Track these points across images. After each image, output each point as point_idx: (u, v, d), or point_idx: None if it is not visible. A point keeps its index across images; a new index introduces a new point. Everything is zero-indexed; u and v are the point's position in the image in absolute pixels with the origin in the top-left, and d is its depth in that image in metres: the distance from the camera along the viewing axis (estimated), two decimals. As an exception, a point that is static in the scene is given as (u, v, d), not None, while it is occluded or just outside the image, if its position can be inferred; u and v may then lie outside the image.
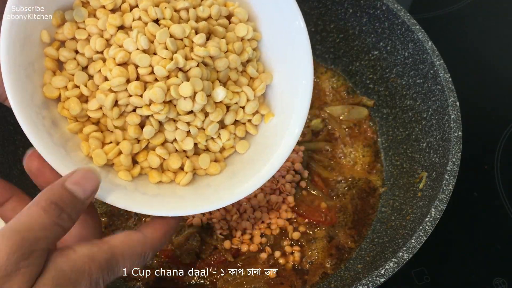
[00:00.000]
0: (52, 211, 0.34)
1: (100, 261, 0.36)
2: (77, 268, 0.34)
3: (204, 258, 0.58)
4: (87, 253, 0.35)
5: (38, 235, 0.33)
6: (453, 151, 0.54)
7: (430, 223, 0.50)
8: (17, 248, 0.31)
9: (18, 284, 0.31)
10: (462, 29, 0.87)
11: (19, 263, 0.31)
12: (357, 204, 0.64)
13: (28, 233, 0.32)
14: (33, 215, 0.34)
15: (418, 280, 0.62)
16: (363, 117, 0.71)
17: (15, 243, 0.31)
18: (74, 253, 0.35)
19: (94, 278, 0.35)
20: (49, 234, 0.34)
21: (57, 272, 0.33)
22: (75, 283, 0.34)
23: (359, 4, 0.68)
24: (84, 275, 0.34)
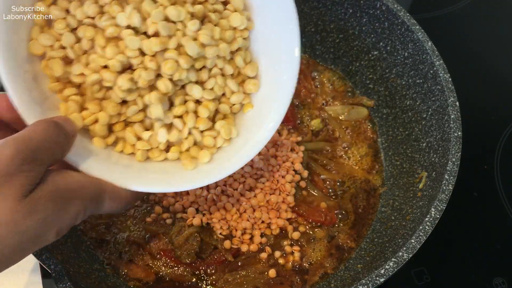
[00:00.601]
0: (52, 129, 0.38)
1: (91, 190, 0.40)
2: (72, 189, 0.38)
3: (204, 258, 0.58)
4: (82, 180, 0.39)
5: (40, 146, 0.36)
6: (453, 151, 0.54)
7: (430, 223, 0.50)
8: (21, 153, 0.34)
9: (18, 185, 0.34)
10: (462, 29, 0.87)
11: (22, 166, 0.34)
12: (357, 204, 0.64)
13: (30, 143, 0.36)
14: (36, 129, 0.37)
15: (418, 280, 0.62)
16: (363, 117, 0.71)
17: (19, 149, 0.35)
18: (70, 176, 0.39)
19: (83, 203, 0.39)
20: (49, 148, 0.37)
21: (53, 187, 0.36)
22: (67, 201, 0.37)
23: (359, 4, 0.68)
24: (76, 197, 0.38)
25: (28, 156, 0.35)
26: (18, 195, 0.34)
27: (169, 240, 0.58)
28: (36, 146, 0.36)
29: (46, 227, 0.36)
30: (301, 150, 0.66)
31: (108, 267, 0.57)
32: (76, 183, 0.39)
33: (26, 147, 0.35)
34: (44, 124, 0.38)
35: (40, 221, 0.35)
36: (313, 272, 0.58)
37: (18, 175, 0.34)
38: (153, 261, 0.58)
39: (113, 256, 0.58)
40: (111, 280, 0.56)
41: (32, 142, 0.36)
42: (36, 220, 0.35)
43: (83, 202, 0.39)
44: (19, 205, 0.34)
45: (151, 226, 0.60)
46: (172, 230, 0.59)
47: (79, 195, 0.38)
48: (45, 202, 0.35)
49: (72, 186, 0.38)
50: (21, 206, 0.34)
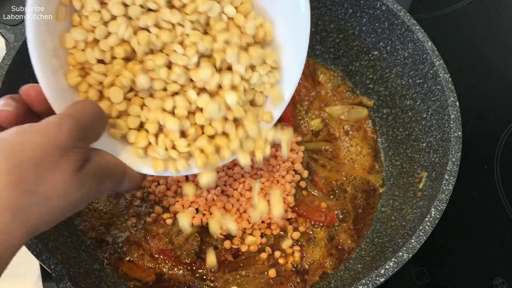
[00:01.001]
0: (97, 109, 0.41)
1: (119, 171, 0.44)
2: (108, 169, 0.42)
3: (204, 258, 0.58)
4: (114, 161, 0.43)
5: (90, 125, 0.39)
6: (453, 151, 0.54)
7: (430, 223, 0.50)
8: (77, 130, 0.37)
9: (73, 160, 0.37)
10: (462, 29, 0.87)
11: (76, 142, 0.37)
12: (357, 204, 0.64)
13: (83, 121, 0.38)
14: (85, 108, 0.40)
15: (418, 280, 0.62)
16: (363, 117, 0.71)
17: (75, 125, 0.37)
18: (107, 156, 0.42)
19: (113, 182, 0.43)
20: (96, 127, 0.40)
21: (98, 165, 0.40)
22: (104, 179, 0.41)
23: (359, 4, 0.68)
24: (110, 176, 0.42)
25: (81, 133, 0.37)
26: (73, 170, 0.37)
27: (169, 240, 0.58)
28: (87, 124, 0.39)
29: (86, 200, 0.40)
30: (301, 150, 0.66)
31: (108, 267, 0.57)
32: (111, 164, 0.43)
33: (81, 125, 0.37)
34: (90, 104, 0.41)
35: (84, 195, 0.38)
36: (313, 272, 0.58)
37: (73, 151, 0.36)
38: (153, 261, 0.58)
39: (113, 256, 0.58)
40: (111, 280, 0.56)
41: (84, 120, 0.38)
42: (81, 194, 0.38)
43: (113, 181, 0.43)
44: (73, 179, 0.37)
45: (151, 226, 0.60)
46: (172, 230, 0.59)
47: (112, 175, 0.43)
48: (91, 178, 0.39)
49: (109, 166, 0.42)
50: (73, 181, 0.37)
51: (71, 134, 0.36)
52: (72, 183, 0.37)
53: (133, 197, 0.62)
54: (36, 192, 0.35)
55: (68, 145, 0.36)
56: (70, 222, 0.60)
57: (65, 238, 0.56)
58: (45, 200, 0.35)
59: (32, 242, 0.48)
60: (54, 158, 0.35)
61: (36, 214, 0.35)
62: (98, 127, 0.41)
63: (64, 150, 0.36)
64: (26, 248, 0.48)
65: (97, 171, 0.40)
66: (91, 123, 0.39)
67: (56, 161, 0.35)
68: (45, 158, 0.35)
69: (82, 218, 0.61)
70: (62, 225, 0.57)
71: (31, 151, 0.35)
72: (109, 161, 0.42)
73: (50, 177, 0.35)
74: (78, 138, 0.37)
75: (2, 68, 0.56)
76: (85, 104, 0.40)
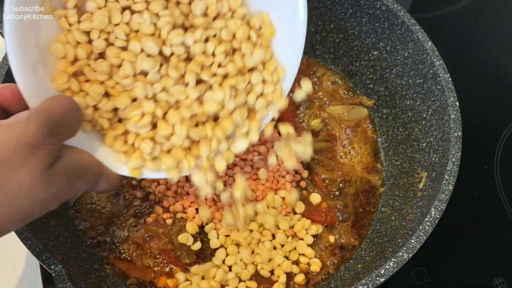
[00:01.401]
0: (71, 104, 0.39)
1: (95, 171, 0.42)
2: (82, 168, 0.40)
3: (204, 258, 0.58)
4: (90, 160, 0.42)
5: (61, 121, 0.37)
6: (453, 151, 0.54)
7: (430, 223, 0.50)
8: (46, 126, 0.35)
9: (42, 157, 0.35)
10: (462, 29, 0.87)
11: (45, 139, 0.35)
12: (357, 204, 0.64)
13: (54, 116, 0.36)
14: (57, 103, 0.38)
15: (418, 280, 0.62)
16: (363, 117, 0.71)
17: (44, 121, 0.35)
18: (81, 154, 0.41)
19: (87, 181, 0.41)
20: (69, 124, 0.39)
21: (69, 163, 0.38)
22: (77, 178, 0.39)
23: (359, 4, 0.68)
24: (84, 175, 0.41)
25: (51, 130, 0.36)
26: (41, 168, 0.35)
27: (169, 240, 0.58)
28: (58, 120, 0.37)
29: (57, 199, 0.38)
30: (301, 150, 0.66)
31: (107, 267, 0.57)
32: (86, 163, 0.41)
33: (50, 121, 0.36)
34: (64, 99, 0.39)
35: (54, 194, 0.37)
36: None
37: (42, 148, 0.35)
38: (153, 261, 0.58)
39: (113, 256, 0.58)
40: (111, 280, 0.56)
41: (55, 116, 0.37)
42: (51, 193, 0.37)
43: (87, 180, 0.41)
44: (41, 177, 0.35)
45: (151, 226, 0.60)
46: (172, 230, 0.59)
47: (86, 174, 0.41)
48: (61, 177, 0.37)
49: (83, 164, 0.41)
50: (42, 179, 0.35)
51: (40, 130, 0.35)
52: (40, 181, 0.35)
53: (133, 197, 0.62)
54: (1, 191, 0.34)
55: (36, 142, 0.35)
56: (70, 222, 0.60)
57: (65, 238, 0.56)
58: (11, 199, 0.34)
59: (32, 242, 0.48)
60: (21, 156, 0.34)
61: (2, 214, 0.34)
62: (71, 122, 0.39)
63: (31, 147, 0.35)
64: (26, 248, 0.48)
65: (69, 169, 0.38)
66: (64, 118, 0.38)
67: (23, 158, 0.34)
68: (11, 155, 0.34)
69: (82, 217, 0.61)
70: (62, 225, 0.57)
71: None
72: (84, 160, 0.41)
73: (17, 175, 0.34)
74: (47, 134, 0.35)
75: (2, 68, 0.56)
76: (58, 99, 0.38)
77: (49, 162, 0.36)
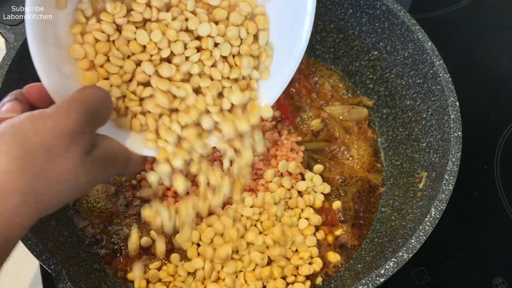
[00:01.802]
0: (104, 94, 0.41)
1: (124, 157, 0.44)
2: (114, 155, 0.43)
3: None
4: (120, 147, 0.44)
5: (97, 110, 0.39)
6: (453, 151, 0.54)
7: (430, 223, 0.50)
8: (85, 115, 0.37)
9: (82, 145, 0.37)
10: (462, 29, 0.87)
11: (85, 128, 0.38)
12: (357, 204, 0.64)
13: (91, 106, 0.39)
14: (92, 94, 0.40)
15: (418, 280, 0.62)
16: (363, 117, 0.71)
17: (83, 111, 0.37)
18: (113, 142, 0.43)
19: (118, 167, 0.44)
20: (102, 113, 0.41)
21: (104, 151, 0.41)
22: (109, 165, 0.42)
23: (359, 4, 0.68)
24: (115, 162, 0.43)
25: (89, 118, 0.38)
26: (81, 155, 0.37)
27: (168, 240, 0.58)
28: (94, 109, 0.39)
29: (92, 183, 0.41)
30: (301, 150, 0.66)
31: (108, 267, 0.57)
32: (117, 150, 0.43)
33: (88, 110, 0.38)
34: (96, 89, 0.41)
35: (90, 179, 0.39)
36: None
37: (82, 136, 0.37)
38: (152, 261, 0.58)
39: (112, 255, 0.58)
40: (111, 280, 0.56)
41: (91, 105, 0.39)
42: (89, 178, 0.39)
43: (118, 165, 0.44)
44: (81, 164, 0.38)
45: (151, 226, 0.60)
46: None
47: (117, 159, 0.43)
48: (97, 164, 0.39)
49: (114, 152, 0.43)
50: (81, 165, 0.38)
51: (80, 119, 0.37)
52: (80, 167, 0.38)
53: (133, 197, 0.62)
54: (46, 176, 0.36)
55: (77, 131, 0.37)
56: (70, 222, 0.60)
57: (65, 238, 0.56)
58: (54, 184, 0.37)
59: (32, 242, 0.48)
60: (64, 144, 0.36)
61: (45, 197, 0.36)
62: (104, 112, 0.41)
63: (73, 136, 0.37)
64: (26, 248, 0.48)
65: (103, 156, 0.41)
66: (98, 108, 0.40)
67: (65, 146, 0.36)
68: (55, 143, 0.36)
69: (81, 216, 0.61)
70: (62, 225, 0.57)
71: (42, 137, 0.35)
72: (114, 147, 0.43)
73: (60, 162, 0.36)
74: (86, 123, 0.38)
75: (2, 68, 0.56)
76: (91, 89, 0.41)
77: (87, 150, 0.38)
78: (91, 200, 0.62)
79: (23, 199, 0.35)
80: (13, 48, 0.58)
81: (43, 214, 0.38)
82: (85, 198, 0.62)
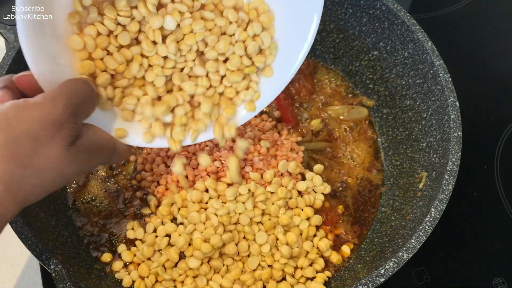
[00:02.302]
0: (89, 86, 0.41)
1: (110, 146, 0.45)
2: (100, 144, 0.43)
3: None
4: (106, 137, 0.44)
5: (82, 101, 0.40)
6: (453, 151, 0.54)
7: (430, 223, 0.50)
8: (70, 105, 0.38)
9: (66, 135, 0.38)
10: (462, 29, 0.87)
11: (70, 117, 0.38)
12: (357, 204, 0.64)
13: (76, 97, 0.39)
14: (78, 85, 0.40)
15: (418, 280, 0.62)
16: (363, 117, 0.71)
17: (67, 101, 0.38)
18: (98, 132, 0.43)
19: (104, 157, 0.44)
20: (88, 104, 0.41)
21: (89, 141, 0.41)
22: (95, 154, 0.42)
23: (359, 4, 0.68)
24: (101, 151, 0.43)
25: (74, 109, 0.38)
26: (66, 144, 0.38)
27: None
28: (80, 100, 0.39)
29: (77, 173, 0.41)
30: (301, 150, 0.66)
31: (108, 267, 0.57)
32: (102, 139, 0.43)
33: (74, 101, 0.38)
34: (82, 82, 0.41)
35: (76, 168, 0.40)
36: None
37: (67, 125, 0.37)
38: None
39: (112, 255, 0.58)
40: (111, 280, 0.56)
41: (77, 96, 0.39)
42: (73, 167, 0.39)
43: (104, 155, 0.44)
44: (66, 153, 0.38)
45: (151, 226, 0.60)
46: (172, 230, 0.59)
47: (103, 149, 0.44)
48: (83, 153, 0.40)
49: (100, 141, 0.43)
50: (66, 154, 0.38)
51: (65, 110, 0.37)
52: (65, 156, 0.38)
53: (133, 197, 0.62)
54: (30, 165, 0.36)
55: (62, 120, 0.37)
56: (70, 222, 0.60)
57: (65, 238, 0.56)
58: (38, 173, 0.37)
59: (32, 242, 0.48)
60: (49, 133, 0.36)
61: (29, 186, 0.36)
62: (89, 103, 0.42)
63: (58, 125, 0.37)
64: (26, 248, 0.48)
65: (89, 146, 0.41)
66: (83, 99, 0.40)
67: (50, 135, 0.36)
68: (40, 132, 0.36)
69: (81, 214, 0.61)
70: (62, 225, 0.57)
71: (26, 125, 0.35)
72: (100, 136, 0.43)
73: (44, 150, 0.36)
74: (71, 113, 0.38)
75: (2, 68, 0.56)
76: (77, 82, 0.41)
77: (73, 139, 0.38)
78: (91, 200, 0.62)
79: (6, 187, 0.35)
80: (13, 48, 0.58)
81: (26, 204, 0.37)
82: (85, 197, 0.62)
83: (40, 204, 0.54)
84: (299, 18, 0.48)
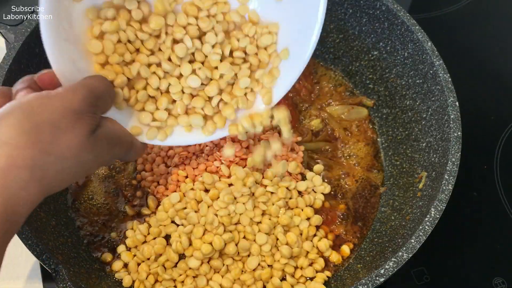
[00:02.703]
0: (107, 83, 0.45)
1: (128, 141, 0.47)
2: (118, 136, 0.46)
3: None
4: (123, 129, 0.47)
5: (101, 95, 0.42)
6: (453, 151, 0.54)
7: (430, 223, 0.50)
8: (90, 97, 0.40)
9: (86, 124, 0.40)
10: (462, 29, 0.87)
11: (89, 107, 0.40)
12: (357, 204, 0.64)
13: (96, 90, 0.42)
14: (97, 81, 0.43)
15: (418, 280, 0.62)
16: (363, 117, 0.71)
17: (89, 93, 0.40)
18: (117, 124, 0.46)
19: (122, 149, 0.46)
20: (106, 99, 0.44)
21: (108, 131, 0.43)
22: (114, 145, 0.45)
23: (359, 5, 0.68)
24: (120, 143, 0.46)
25: (94, 101, 0.41)
26: (86, 132, 0.40)
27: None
28: (99, 94, 0.42)
29: (96, 163, 0.43)
30: (301, 150, 0.66)
31: (108, 267, 0.58)
32: (121, 132, 0.46)
33: (93, 93, 0.41)
34: (101, 78, 0.44)
35: (96, 157, 0.42)
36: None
37: (87, 115, 0.40)
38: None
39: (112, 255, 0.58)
40: (111, 280, 0.56)
41: (96, 90, 0.42)
42: (93, 156, 0.41)
43: (122, 148, 0.46)
44: (86, 141, 0.40)
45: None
46: (172, 230, 0.59)
47: (122, 142, 0.46)
48: (101, 142, 0.42)
49: (118, 133, 0.46)
50: (86, 143, 0.40)
51: (85, 100, 0.39)
52: (85, 144, 0.40)
53: (133, 196, 0.62)
54: (52, 151, 0.37)
55: (82, 109, 0.39)
56: (70, 222, 0.60)
57: (65, 238, 0.56)
58: (60, 160, 0.38)
59: (32, 242, 0.48)
60: (70, 121, 0.38)
61: (51, 173, 0.38)
62: (107, 98, 0.44)
63: (79, 114, 0.39)
64: (26, 248, 0.48)
65: (108, 136, 0.43)
66: (102, 94, 0.43)
67: (71, 123, 0.38)
68: (62, 120, 0.38)
69: (81, 214, 0.61)
70: (62, 225, 0.57)
71: (49, 113, 0.37)
72: (119, 129, 0.46)
73: (66, 138, 0.38)
74: (91, 104, 0.40)
75: (2, 68, 0.56)
76: (98, 78, 0.44)
77: (92, 128, 0.40)
78: (91, 199, 0.62)
79: (30, 173, 0.36)
80: (13, 48, 0.58)
81: (48, 192, 0.39)
82: (85, 197, 0.62)
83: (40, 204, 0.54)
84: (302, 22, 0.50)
